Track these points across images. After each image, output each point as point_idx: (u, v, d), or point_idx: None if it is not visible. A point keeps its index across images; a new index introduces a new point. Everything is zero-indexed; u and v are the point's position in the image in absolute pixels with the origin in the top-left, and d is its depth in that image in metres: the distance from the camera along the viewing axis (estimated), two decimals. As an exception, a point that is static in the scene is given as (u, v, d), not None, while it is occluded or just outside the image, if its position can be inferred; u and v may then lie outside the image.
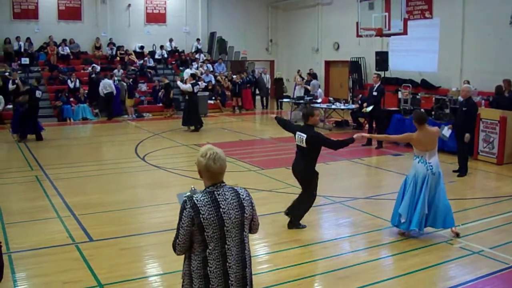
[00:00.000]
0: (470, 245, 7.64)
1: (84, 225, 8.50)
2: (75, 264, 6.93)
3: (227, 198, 3.75)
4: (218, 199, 3.71)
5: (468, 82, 16.89)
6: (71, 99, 23.05)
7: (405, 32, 17.44)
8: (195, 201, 3.67)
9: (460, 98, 13.33)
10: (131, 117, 23.04)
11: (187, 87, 19.17)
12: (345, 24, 24.26)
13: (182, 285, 3.86)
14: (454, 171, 12.21)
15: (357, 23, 18.92)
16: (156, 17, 29.51)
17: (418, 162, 7.82)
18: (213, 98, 25.76)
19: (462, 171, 12.12)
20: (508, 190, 11.06)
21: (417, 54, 23.06)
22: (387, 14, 17.63)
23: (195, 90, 19.38)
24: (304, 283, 6.62)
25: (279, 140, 17.00)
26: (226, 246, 3.71)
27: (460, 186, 11.38)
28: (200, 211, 3.64)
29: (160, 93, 24.51)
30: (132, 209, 9.66)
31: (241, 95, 25.94)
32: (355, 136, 7.98)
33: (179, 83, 20.21)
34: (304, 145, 8.00)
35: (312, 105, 21.88)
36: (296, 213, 8.40)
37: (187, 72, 25.85)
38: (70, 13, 27.24)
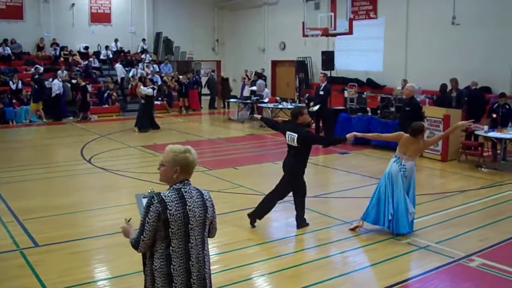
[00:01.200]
0: (417, 241, 7.80)
1: (29, 230, 8.27)
2: (20, 271, 6.72)
3: (193, 196, 3.78)
4: (185, 196, 3.74)
5: (406, 81, 17.27)
6: (14, 100, 22.43)
7: (350, 32, 17.67)
8: (163, 196, 3.68)
9: (404, 97, 13.59)
10: (28, 122, 22.06)
11: (149, 91, 19.31)
12: (291, 24, 24.38)
13: (145, 286, 3.82)
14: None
15: (303, 23, 19.07)
16: (101, 17, 29.02)
17: (394, 162, 7.98)
18: (160, 98, 25.48)
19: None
20: (453, 186, 11.37)
21: (362, 53, 23.44)
22: (332, 14, 17.85)
23: (155, 94, 19.86)
24: (255, 282, 6.63)
25: (226, 141, 16.97)
26: (189, 244, 3.73)
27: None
28: (168, 206, 3.65)
29: (78, 96, 23.40)
30: (79, 213, 9.45)
31: (188, 96, 25.86)
32: (348, 135, 8.05)
33: (142, 87, 19.98)
34: (295, 144, 8.02)
35: (259, 105, 22.04)
36: (259, 212, 8.44)
37: (119, 68, 26.27)
38: (11, 12, 26.44)
